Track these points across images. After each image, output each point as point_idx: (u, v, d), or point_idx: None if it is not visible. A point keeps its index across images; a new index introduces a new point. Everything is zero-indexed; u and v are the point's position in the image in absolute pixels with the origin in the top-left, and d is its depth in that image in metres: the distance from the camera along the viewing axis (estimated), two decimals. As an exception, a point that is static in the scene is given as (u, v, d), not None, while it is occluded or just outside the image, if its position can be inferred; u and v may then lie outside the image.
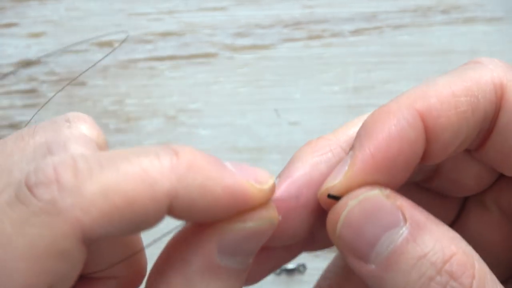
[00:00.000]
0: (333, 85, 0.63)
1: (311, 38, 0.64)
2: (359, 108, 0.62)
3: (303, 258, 0.60)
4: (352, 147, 0.23)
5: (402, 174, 0.23)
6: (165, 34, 0.65)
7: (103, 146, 0.23)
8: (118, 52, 0.65)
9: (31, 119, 0.26)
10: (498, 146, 0.24)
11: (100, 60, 0.60)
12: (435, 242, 0.21)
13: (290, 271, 0.59)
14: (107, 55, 0.61)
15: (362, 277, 0.22)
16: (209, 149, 0.63)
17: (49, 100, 0.56)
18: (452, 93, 0.23)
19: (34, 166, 0.19)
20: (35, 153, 0.21)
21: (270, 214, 0.22)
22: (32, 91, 0.64)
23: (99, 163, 0.19)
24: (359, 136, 0.23)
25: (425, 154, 0.23)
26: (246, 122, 0.63)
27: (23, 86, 0.64)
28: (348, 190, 0.23)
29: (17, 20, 0.66)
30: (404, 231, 0.21)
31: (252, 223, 0.22)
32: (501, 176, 0.27)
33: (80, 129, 0.22)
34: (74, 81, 0.64)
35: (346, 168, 0.23)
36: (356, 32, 0.64)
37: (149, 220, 0.19)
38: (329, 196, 0.23)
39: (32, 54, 0.65)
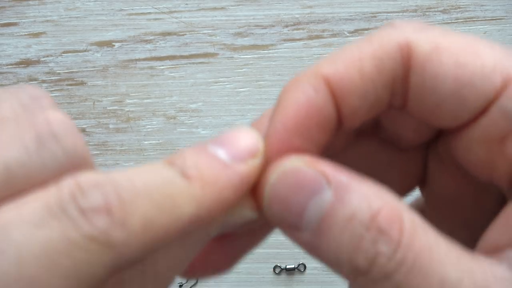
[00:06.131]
0: (333, 85, 0.63)
1: (311, 38, 0.64)
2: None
3: (303, 258, 0.60)
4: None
5: (318, 139, 0.23)
6: (165, 34, 0.65)
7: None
8: (118, 52, 0.65)
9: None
10: (417, 103, 0.24)
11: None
12: (361, 199, 0.21)
13: (290, 271, 0.59)
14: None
15: (299, 246, 0.22)
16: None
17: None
18: (358, 57, 0.23)
19: (74, 183, 0.19)
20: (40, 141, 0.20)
21: (253, 206, 0.23)
22: (32, 91, 0.64)
23: (136, 190, 0.19)
24: (273, 107, 0.24)
25: (340, 118, 0.24)
26: (246, 122, 0.63)
27: (23, 86, 0.64)
28: (267, 162, 0.23)
29: (16, 20, 0.66)
30: (329, 195, 0.21)
31: (247, 212, 0.23)
32: None
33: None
34: (73, 81, 0.64)
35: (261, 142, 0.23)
36: (356, 32, 0.64)
37: (166, 243, 0.20)
38: None
39: (32, 54, 0.65)
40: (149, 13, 0.66)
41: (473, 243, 0.23)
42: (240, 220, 0.23)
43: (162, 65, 0.64)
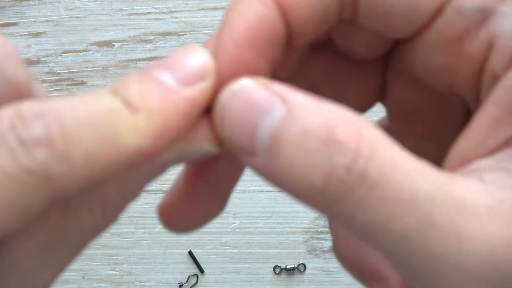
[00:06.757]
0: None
1: (311, 38, 0.64)
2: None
3: (303, 258, 0.60)
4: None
5: (270, 55, 0.22)
6: (165, 34, 0.65)
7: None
8: (118, 52, 0.65)
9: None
10: (368, 14, 0.23)
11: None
12: (316, 114, 0.19)
13: (290, 271, 0.60)
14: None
15: (256, 172, 0.20)
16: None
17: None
18: None
19: (14, 112, 0.18)
20: None
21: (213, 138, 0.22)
22: (32, 91, 0.64)
23: (79, 121, 0.18)
24: (221, 24, 0.22)
25: (290, 34, 0.22)
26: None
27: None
28: (219, 84, 0.21)
29: (16, 19, 0.66)
30: (281, 112, 0.19)
31: (206, 146, 0.21)
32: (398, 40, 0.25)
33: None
34: (73, 81, 0.64)
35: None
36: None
37: (110, 176, 0.19)
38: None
39: (32, 54, 0.65)
40: (149, 13, 0.66)
41: (442, 159, 0.22)
42: (200, 153, 0.21)
43: (162, 65, 0.64)
